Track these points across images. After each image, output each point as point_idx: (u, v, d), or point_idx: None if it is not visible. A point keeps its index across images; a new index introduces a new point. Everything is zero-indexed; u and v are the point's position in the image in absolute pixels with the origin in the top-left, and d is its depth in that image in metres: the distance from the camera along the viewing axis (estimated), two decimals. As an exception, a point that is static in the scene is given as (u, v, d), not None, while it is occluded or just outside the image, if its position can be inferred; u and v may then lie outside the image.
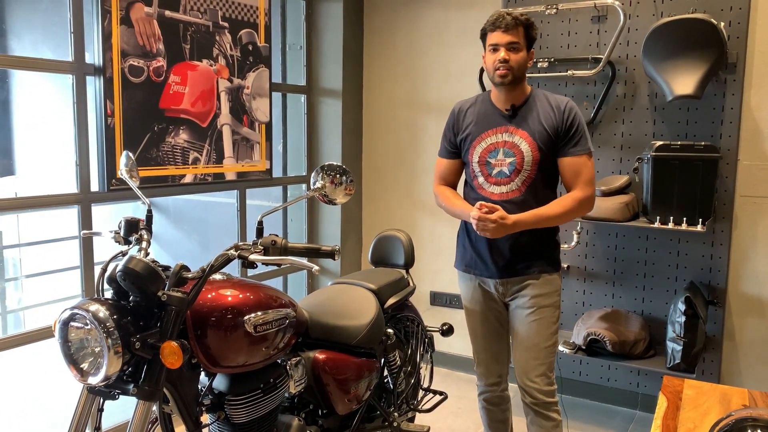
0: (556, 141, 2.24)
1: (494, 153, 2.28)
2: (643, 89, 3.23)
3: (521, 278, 2.30)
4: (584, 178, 2.24)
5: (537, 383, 2.31)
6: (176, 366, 1.52)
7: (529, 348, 2.31)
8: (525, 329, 2.32)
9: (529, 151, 2.23)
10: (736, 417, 1.43)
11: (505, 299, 2.38)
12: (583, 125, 2.25)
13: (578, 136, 2.24)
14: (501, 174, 2.27)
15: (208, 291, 1.75)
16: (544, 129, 2.23)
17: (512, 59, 2.19)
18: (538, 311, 2.30)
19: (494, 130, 2.29)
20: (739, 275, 3.13)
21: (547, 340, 2.31)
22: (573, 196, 2.24)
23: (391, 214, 4.14)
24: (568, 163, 2.24)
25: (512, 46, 2.19)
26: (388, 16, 4.00)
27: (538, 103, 2.27)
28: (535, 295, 2.30)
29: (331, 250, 1.69)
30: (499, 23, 2.18)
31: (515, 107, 2.27)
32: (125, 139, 2.75)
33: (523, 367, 2.33)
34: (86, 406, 1.61)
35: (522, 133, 2.25)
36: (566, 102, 2.26)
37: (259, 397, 1.83)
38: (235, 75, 3.28)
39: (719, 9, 3.01)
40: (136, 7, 2.76)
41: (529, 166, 2.24)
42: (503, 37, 2.18)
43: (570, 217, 2.24)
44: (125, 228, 1.81)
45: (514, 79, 2.21)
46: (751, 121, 3.04)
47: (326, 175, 1.83)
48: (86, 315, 1.48)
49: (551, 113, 2.24)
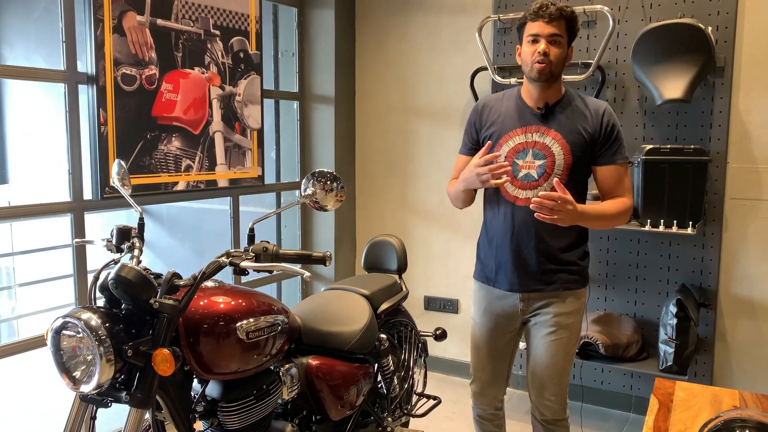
0: (592, 147, 2.10)
1: (523, 153, 2.11)
2: (632, 93, 3.26)
3: (545, 294, 2.17)
4: (628, 186, 2.14)
5: (551, 401, 2.23)
6: (168, 373, 1.52)
7: (546, 367, 2.20)
8: (544, 348, 2.19)
9: (561, 154, 2.08)
10: (724, 418, 1.44)
11: (525, 315, 2.23)
12: (621, 133, 2.14)
13: (618, 143, 2.12)
14: (528, 177, 2.11)
15: (200, 298, 1.75)
16: (579, 133, 2.09)
17: (552, 53, 2.03)
18: (559, 331, 2.17)
19: (524, 128, 2.12)
20: (729, 277, 3.15)
21: (565, 361, 2.20)
22: (624, 201, 2.12)
23: (385, 219, 4.15)
24: (609, 171, 2.12)
25: (554, 38, 2.03)
26: (380, 22, 4.02)
27: (573, 104, 2.13)
28: (558, 313, 2.16)
29: (322, 256, 1.70)
30: (543, 12, 2.02)
31: (548, 106, 2.11)
32: (118, 147, 2.76)
33: (538, 386, 2.24)
34: (79, 414, 1.61)
35: (555, 134, 2.09)
36: (605, 107, 2.13)
37: (252, 403, 1.83)
38: (226, 82, 3.29)
39: (707, 14, 3.04)
40: (129, 16, 2.77)
41: (560, 170, 2.08)
42: (546, 27, 2.02)
43: (618, 221, 2.12)
44: (117, 236, 1.82)
45: (552, 74, 2.06)
46: (739, 124, 3.07)
47: (317, 182, 1.84)
48: (78, 323, 1.49)
49: (589, 117, 2.11)
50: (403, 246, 2.68)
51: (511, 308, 2.23)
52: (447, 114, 3.86)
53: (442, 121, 3.88)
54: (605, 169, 2.13)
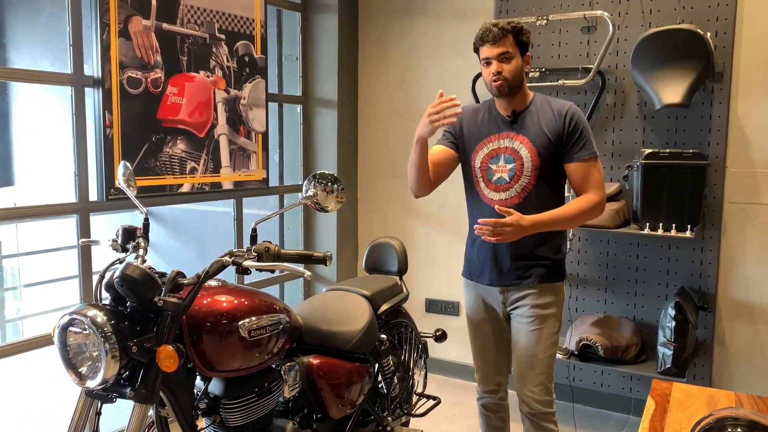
0: (558, 146, 2.23)
1: (495, 159, 2.27)
2: (632, 98, 3.29)
3: (521, 287, 2.29)
4: (594, 182, 2.23)
5: (535, 393, 2.31)
6: (172, 369, 1.56)
7: (528, 358, 2.31)
8: (524, 339, 2.31)
9: (528, 157, 2.22)
10: (717, 416, 1.46)
11: (507, 308, 2.36)
12: (587, 129, 2.24)
13: (583, 140, 2.22)
14: (501, 180, 2.27)
15: (203, 297, 1.79)
16: (544, 134, 2.22)
17: (505, 70, 2.19)
18: (538, 321, 2.28)
19: (496, 136, 2.29)
20: (728, 280, 3.17)
21: (546, 351, 2.30)
22: (587, 198, 2.23)
23: (387, 222, 4.18)
24: (575, 168, 2.23)
25: (503, 56, 2.19)
26: (383, 27, 4.06)
27: (539, 108, 2.27)
28: (535, 305, 2.29)
29: (323, 257, 1.73)
30: (487, 36, 2.19)
31: (516, 113, 2.28)
32: (123, 149, 2.80)
33: (521, 377, 2.34)
34: (84, 409, 1.65)
35: (522, 138, 2.24)
36: (568, 106, 2.25)
37: (253, 401, 1.87)
38: (231, 86, 3.33)
39: (706, 20, 3.07)
40: (134, 20, 2.82)
41: (529, 172, 2.23)
42: (493, 49, 2.19)
43: (584, 219, 2.22)
44: (123, 236, 1.86)
45: (511, 88, 2.21)
46: (737, 129, 3.10)
47: (318, 184, 1.88)
48: (84, 320, 1.52)
49: (553, 118, 2.23)
50: (403, 248, 2.72)
51: (493, 301, 2.39)
52: (449, 118, 3.88)
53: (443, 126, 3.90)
54: (572, 166, 2.25)
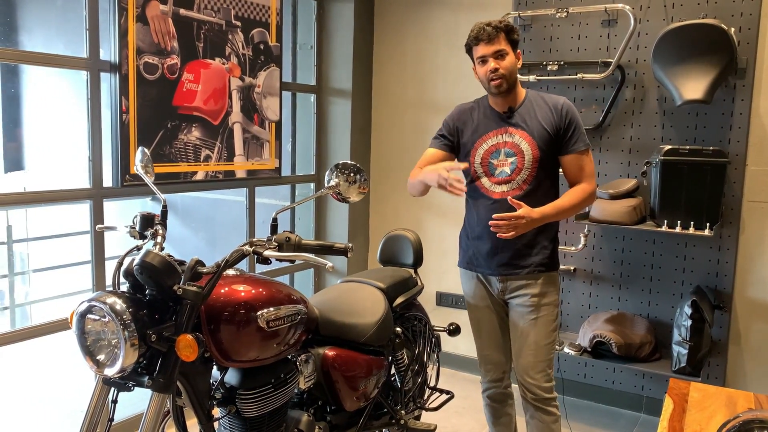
0: (556, 139, 2.31)
1: (496, 153, 2.34)
2: (652, 93, 3.25)
3: (521, 276, 2.36)
4: (587, 172, 2.34)
5: (537, 380, 2.37)
6: (191, 359, 1.54)
7: (528, 346, 2.37)
8: (525, 327, 2.37)
9: (529, 150, 2.30)
10: (743, 419, 1.44)
11: (505, 296, 2.42)
12: (580, 122, 2.33)
13: (577, 133, 2.32)
14: (502, 173, 2.33)
15: (221, 286, 1.77)
16: (543, 128, 2.30)
17: (502, 66, 2.26)
18: (537, 309, 2.35)
19: (495, 131, 2.36)
20: (745, 280, 3.14)
21: (547, 338, 2.37)
22: (583, 188, 2.33)
23: (399, 214, 4.15)
24: (571, 159, 2.33)
25: (498, 53, 2.26)
26: (399, 17, 4.02)
27: (534, 103, 2.35)
28: (535, 293, 2.35)
29: (344, 248, 1.71)
30: (482, 36, 2.26)
31: (512, 109, 2.35)
32: (139, 135, 2.78)
33: (523, 365, 2.39)
34: (101, 396, 1.63)
35: (521, 132, 2.32)
36: (563, 102, 2.33)
37: (269, 391, 1.85)
38: (246, 74, 3.30)
39: (730, 14, 3.02)
40: (152, 5, 2.79)
41: (530, 164, 2.30)
42: (488, 48, 2.26)
43: (581, 207, 2.33)
44: (141, 223, 1.84)
45: (508, 85, 2.29)
46: (759, 126, 3.05)
47: (341, 174, 1.85)
48: (104, 307, 1.50)
49: (549, 113, 2.32)
50: (419, 240, 2.69)
51: (492, 289, 2.44)
52: (464, 110, 3.85)
53: (458, 117, 3.87)
54: (568, 158, 2.33)
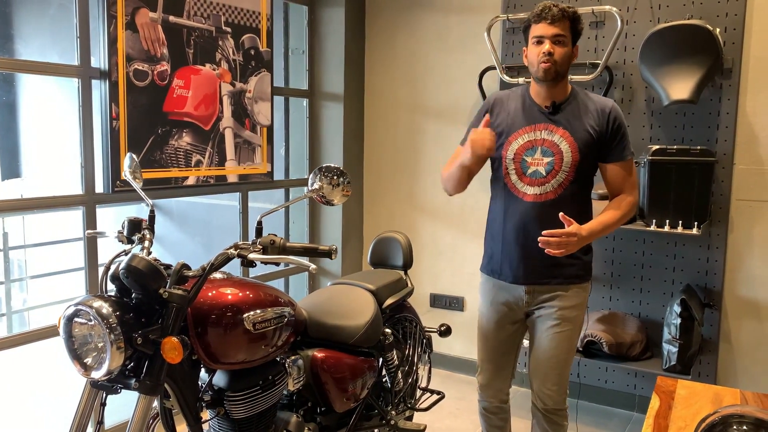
0: (599, 145, 2.16)
1: (531, 151, 2.17)
2: (640, 94, 3.27)
3: (550, 287, 2.22)
4: (633, 182, 2.20)
5: (552, 391, 2.28)
6: (177, 361, 1.56)
7: (549, 358, 2.26)
8: (547, 340, 2.25)
9: (569, 151, 2.14)
10: (722, 414, 1.46)
11: (529, 308, 2.28)
12: (626, 129, 2.19)
13: (625, 140, 2.18)
14: (536, 174, 2.16)
15: (208, 289, 1.79)
16: (587, 131, 2.14)
17: (557, 52, 2.09)
18: (563, 324, 2.22)
19: (533, 126, 2.18)
20: (734, 278, 3.16)
21: (568, 352, 2.26)
22: (628, 200, 2.18)
23: (392, 216, 4.18)
24: (616, 168, 2.18)
25: (558, 38, 2.10)
26: (390, 21, 4.05)
27: (580, 102, 2.18)
28: (562, 306, 2.22)
29: (328, 250, 1.73)
30: (545, 14, 2.09)
31: (556, 104, 2.18)
32: (130, 141, 2.80)
33: (540, 376, 2.30)
34: (89, 400, 1.65)
35: (563, 132, 2.15)
36: (611, 104, 2.18)
37: (257, 393, 1.87)
38: (237, 79, 3.33)
39: (715, 15, 3.05)
40: (141, 13, 2.82)
41: (567, 167, 2.14)
42: (549, 28, 2.09)
43: (625, 220, 2.18)
44: (128, 227, 1.86)
45: (557, 74, 2.12)
46: (746, 125, 3.08)
47: (324, 177, 1.87)
48: (90, 311, 1.53)
49: (596, 115, 2.16)
50: (408, 242, 2.71)
51: (516, 300, 2.28)
52: (455, 112, 3.88)
53: (449, 120, 3.90)
54: (613, 167, 2.19)
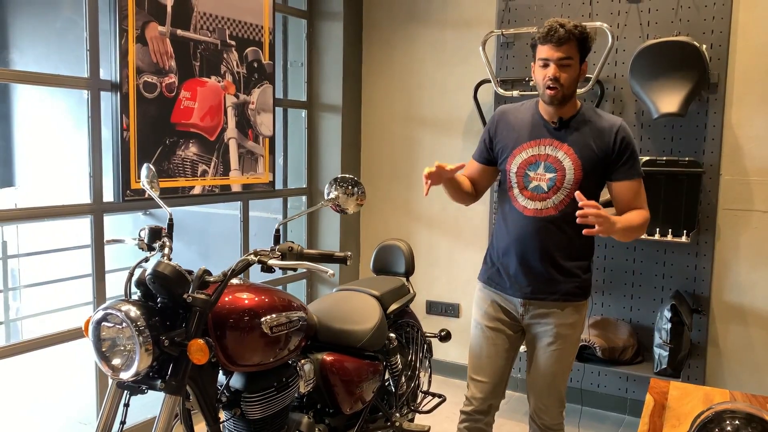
0: (604, 164, 2.11)
1: (534, 166, 2.14)
2: (630, 107, 3.39)
3: (546, 303, 2.19)
4: (643, 199, 2.16)
5: (549, 406, 2.28)
6: (203, 362, 1.63)
7: (545, 376, 2.25)
8: (544, 358, 2.23)
9: (572, 168, 2.09)
10: (716, 410, 1.54)
11: (525, 321, 2.25)
12: (635, 148, 2.14)
13: (633, 158, 2.12)
14: (538, 189, 2.13)
15: (226, 294, 1.86)
16: (592, 149, 2.10)
17: (563, 77, 2.03)
18: (559, 342, 2.19)
19: (537, 141, 2.15)
20: (722, 284, 3.28)
21: (564, 370, 2.26)
22: (644, 214, 2.13)
23: (389, 225, 4.26)
24: (624, 186, 2.13)
25: (564, 62, 2.03)
26: (387, 35, 4.15)
27: (588, 119, 2.13)
28: (558, 324, 2.19)
29: (343, 256, 1.82)
30: (551, 36, 2.01)
31: (563, 120, 2.13)
32: (139, 151, 2.87)
33: (537, 393, 2.29)
34: (115, 400, 1.72)
35: (567, 148, 2.11)
36: (619, 123, 2.12)
37: (272, 394, 1.94)
38: (241, 91, 3.41)
39: (702, 32, 3.18)
40: (151, 27, 2.89)
41: (569, 185, 2.10)
42: (555, 52, 2.01)
43: (641, 232, 2.14)
44: (149, 235, 1.93)
45: (564, 97, 2.07)
46: (731, 137, 3.21)
47: (339, 186, 1.96)
48: (119, 314, 1.60)
49: (603, 133, 2.10)
50: (410, 250, 2.80)
51: (511, 312, 2.27)
52: (450, 124, 3.98)
53: (445, 131, 4.00)
54: (622, 185, 2.14)
